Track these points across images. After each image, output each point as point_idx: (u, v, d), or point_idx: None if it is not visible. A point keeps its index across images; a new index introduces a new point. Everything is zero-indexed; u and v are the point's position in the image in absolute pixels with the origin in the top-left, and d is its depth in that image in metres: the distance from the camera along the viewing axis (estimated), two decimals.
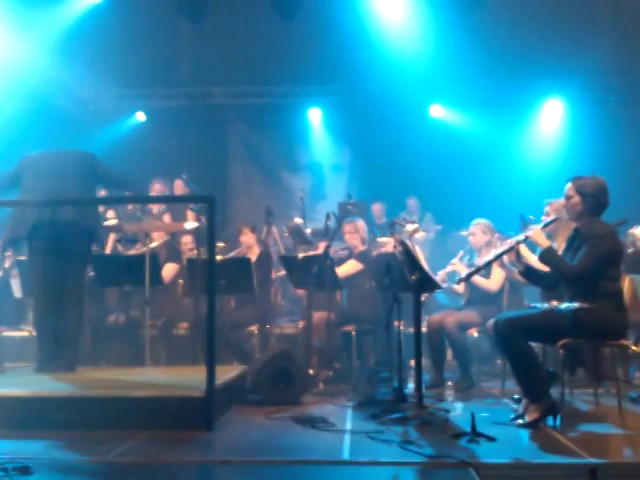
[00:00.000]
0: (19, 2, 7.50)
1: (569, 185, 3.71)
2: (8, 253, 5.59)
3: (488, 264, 4.15)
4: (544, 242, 3.72)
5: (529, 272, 3.92)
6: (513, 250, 3.87)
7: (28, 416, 3.46)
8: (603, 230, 3.59)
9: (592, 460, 2.87)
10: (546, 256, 3.68)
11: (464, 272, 4.43)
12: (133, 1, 8.15)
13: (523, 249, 3.93)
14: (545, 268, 3.81)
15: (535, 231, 3.79)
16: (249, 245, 5.83)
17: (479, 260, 4.84)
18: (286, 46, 8.43)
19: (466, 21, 7.61)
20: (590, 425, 3.67)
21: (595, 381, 4.26)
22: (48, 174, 4.46)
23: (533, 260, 4.11)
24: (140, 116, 9.37)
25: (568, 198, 3.71)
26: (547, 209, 4.71)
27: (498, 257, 4.04)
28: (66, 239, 4.40)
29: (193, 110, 9.22)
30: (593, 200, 3.63)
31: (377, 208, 7.96)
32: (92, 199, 4.83)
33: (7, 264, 5.79)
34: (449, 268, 5.12)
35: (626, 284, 3.99)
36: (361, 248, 5.65)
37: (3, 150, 5.67)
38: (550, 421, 3.52)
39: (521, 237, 3.87)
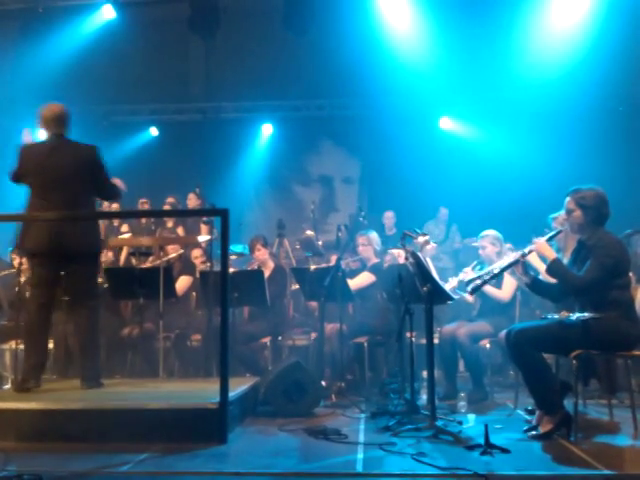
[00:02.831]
0: (34, 19, 7.67)
1: (569, 199, 3.71)
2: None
3: (493, 277, 4.14)
4: (550, 254, 3.72)
5: (535, 284, 3.92)
6: (519, 263, 3.88)
7: (43, 428, 3.50)
8: (608, 240, 3.60)
9: (606, 472, 2.87)
10: (553, 268, 3.68)
11: (471, 278, 4.39)
12: (146, 18, 8.31)
13: (534, 259, 3.92)
14: (552, 280, 3.80)
15: (540, 244, 3.79)
16: (262, 261, 5.86)
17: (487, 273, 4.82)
18: (296, 61, 8.55)
19: (476, 33, 7.66)
20: (604, 436, 3.65)
21: (609, 392, 4.24)
22: (48, 163, 4.26)
23: (543, 269, 4.10)
24: (153, 131, 9.51)
25: (569, 212, 3.71)
26: (554, 224, 4.71)
27: (503, 270, 4.05)
28: (73, 249, 4.25)
29: (205, 124, 9.34)
30: (594, 212, 3.64)
31: (389, 215, 7.95)
32: (107, 213, 4.81)
33: (23, 278, 5.84)
34: (461, 276, 5.12)
35: (638, 294, 3.98)
36: (374, 260, 5.68)
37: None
38: (564, 432, 3.50)
39: (526, 250, 3.88)
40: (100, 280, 5.77)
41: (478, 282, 4.10)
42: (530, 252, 3.86)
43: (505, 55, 7.90)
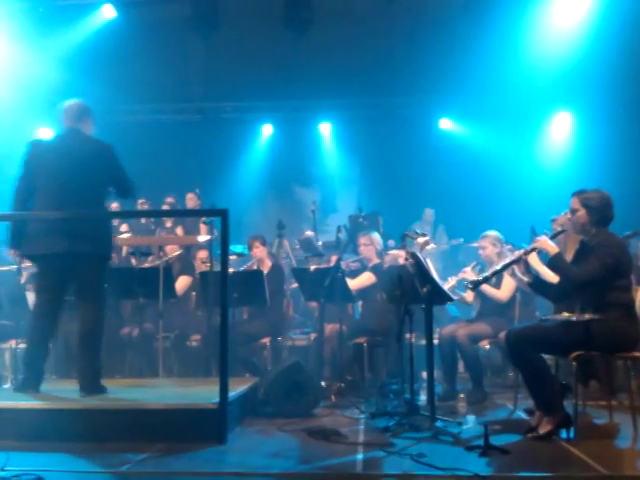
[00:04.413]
0: (35, 18, 7.66)
1: (574, 199, 3.73)
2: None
3: (495, 274, 4.16)
4: (553, 249, 3.73)
5: (537, 283, 3.93)
6: (521, 261, 3.89)
7: (42, 428, 3.49)
8: (611, 241, 3.61)
9: (606, 473, 2.86)
10: (555, 262, 3.69)
11: (473, 278, 4.41)
12: (146, 18, 8.30)
13: (534, 259, 3.93)
14: (553, 279, 3.81)
15: (542, 241, 3.80)
16: (260, 259, 5.86)
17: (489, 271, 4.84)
18: (296, 61, 8.55)
19: (473, 34, 7.66)
20: (604, 438, 3.66)
21: (608, 393, 4.24)
22: (59, 162, 4.00)
23: (543, 270, 4.11)
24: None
25: (573, 212, 3.72)
26: (554, 226, 4.72)
27: (506, 268, 4.05)
28: (81, 253, 4.03)
29: (205, 124, 9.34)
30: (598, 213, 3.65)
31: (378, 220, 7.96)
32: (106, 212, 4.74)
33: (23, 279, 5.85)
34: (460, 275, 5.13)
35: (638, 296, 3.98)
36: (375, 261, 5.69)
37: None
38: (563, 434, 3.51)
39: (529, 248, 3.89)
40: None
41: (479, 279, 4.12)
42: (533, 250, 3.86)
43: (503, 55, 7.89)
